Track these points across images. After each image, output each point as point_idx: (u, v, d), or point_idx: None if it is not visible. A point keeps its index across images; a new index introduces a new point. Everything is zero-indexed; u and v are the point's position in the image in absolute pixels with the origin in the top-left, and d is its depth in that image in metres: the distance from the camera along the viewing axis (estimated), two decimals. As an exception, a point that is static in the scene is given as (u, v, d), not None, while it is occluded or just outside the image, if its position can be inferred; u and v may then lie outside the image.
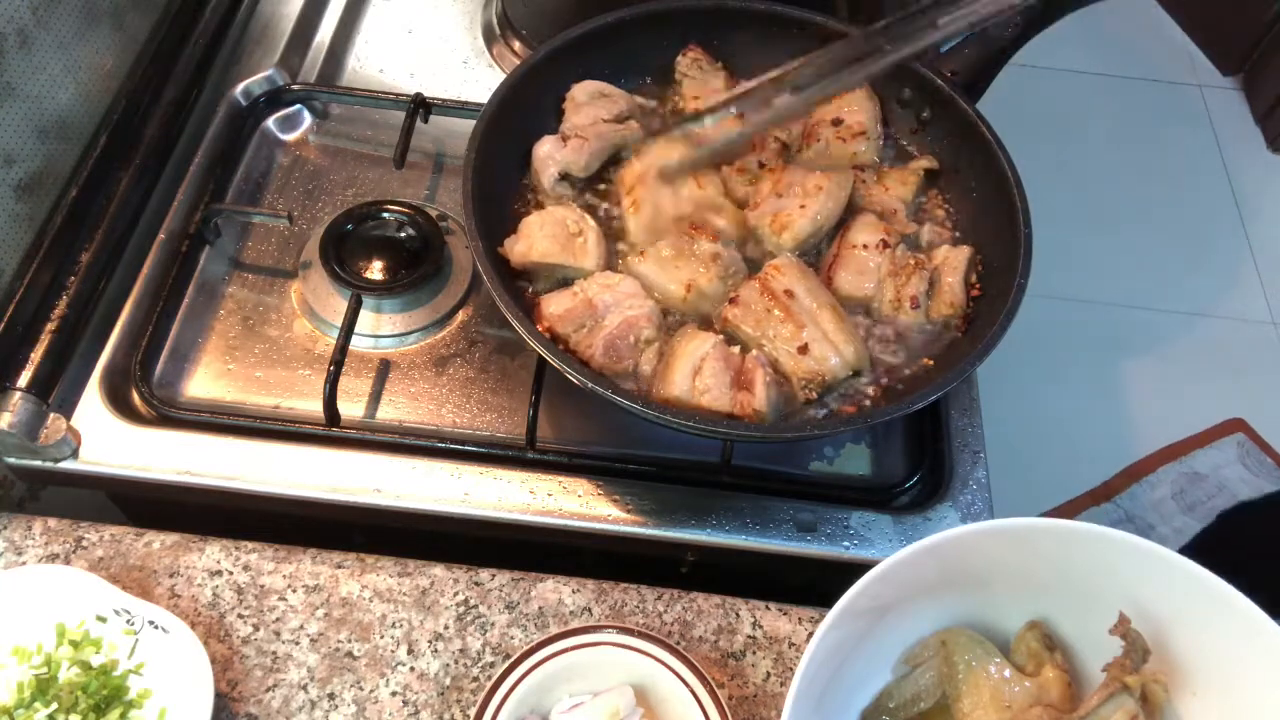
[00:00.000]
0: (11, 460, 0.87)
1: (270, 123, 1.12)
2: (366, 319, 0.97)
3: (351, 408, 0.93)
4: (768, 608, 0.85)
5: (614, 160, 0.97)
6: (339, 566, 0.84)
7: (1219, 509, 1.85)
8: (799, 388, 0.84)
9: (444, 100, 1.10)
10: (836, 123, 0.99)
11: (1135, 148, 2.77)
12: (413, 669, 0.80)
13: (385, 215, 1.02)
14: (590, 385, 0.79)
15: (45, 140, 0.94)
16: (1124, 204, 2.65)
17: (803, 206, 0.92)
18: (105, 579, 0.77)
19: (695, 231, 0.90)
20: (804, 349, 0.84)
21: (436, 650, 0.81)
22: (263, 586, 0.83)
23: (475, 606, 0.83)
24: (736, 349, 0.85)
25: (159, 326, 0.95)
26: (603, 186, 0.97)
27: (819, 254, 0.94)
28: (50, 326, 0.89)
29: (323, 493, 0.87)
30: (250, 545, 0.85)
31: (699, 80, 1.02)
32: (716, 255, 0.89)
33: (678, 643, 0.82)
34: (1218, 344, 2.44)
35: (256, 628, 0.81)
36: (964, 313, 0.91)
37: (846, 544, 0.87)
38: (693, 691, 0.74)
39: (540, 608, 0.83)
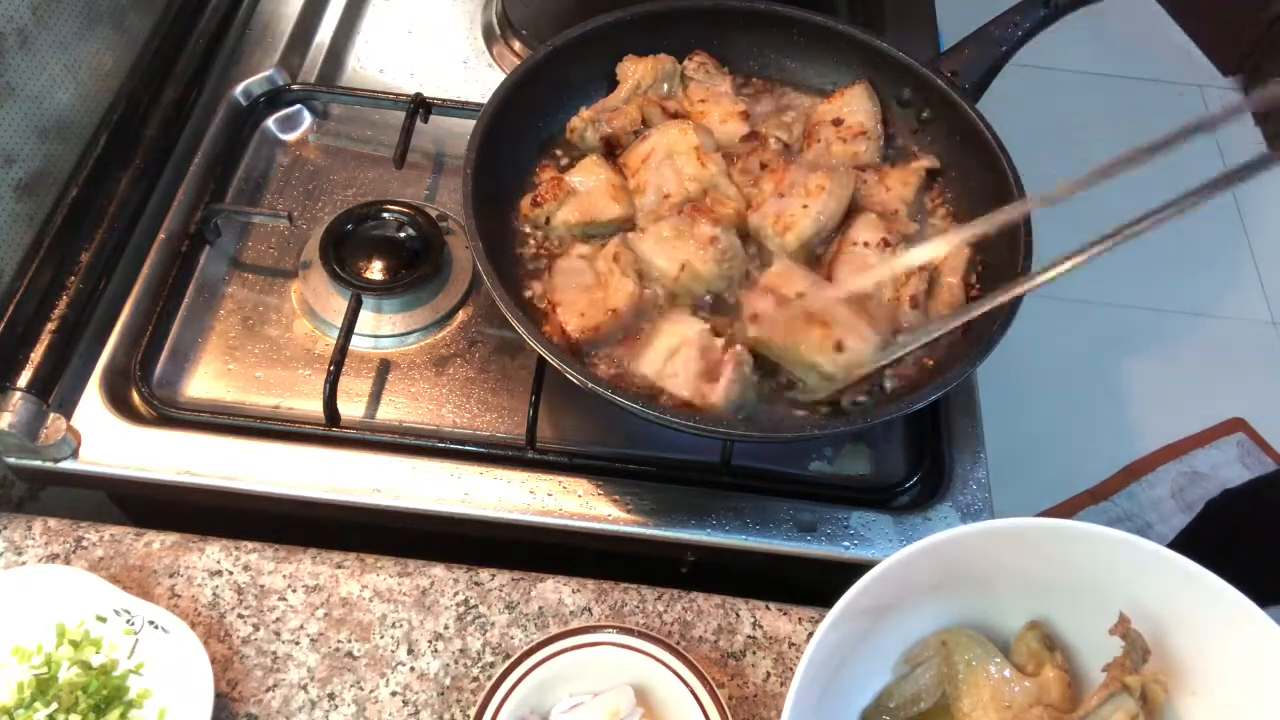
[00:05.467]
0: (11, 460, 0.87)
1: (270, 123, 1.12)
2: (366, 319, 0.97)
3: (351, 408, 0.93)
4: (768, 608, 0.85)
5: (620, 144, 0.98)
6: (339, 566, 0.85)
7: (1207, 497, 1.86)
8: (847, 388, 0.84)
9: (444, 100, 1.10)
10: (837, 123, 0.99)
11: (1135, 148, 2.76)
12: (413, 669, 0.80)
13: (385, 215, 1.02)
14: (590, 385, 0.79)
15: (45, 140, 0.94)
16: (1124, 204, 2.64)
17: (805, 206, 0.91)
18: (105, 579, 0.77)
19: (697, 214, 0.90)
20: (839, 346, 0.83)
21: (436, 650, 0.81)
22: (263, 586, 0.83)
23: (475, 606, 0.83)
24: (720, 341, 0.84)
25: (159, 326, 0.95)
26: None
27: (821, 255, 0.94)
28: (50, 326, 0.89)
29: (323, 493, 0.87)
30: (250, 545, 0.85)
31: (705, 84, 1.02)
32: (714, 239, 0.88)
33: (678, 643, 0.82)
34: (1218, 344, 2.44)
35: (256, 628, 0.81)
36: (964, 313, 0.91)
37: (846, 544, 0.87)
38: (693, 691, 0.74)
39: (540, 608, 0.83)
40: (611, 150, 0.98)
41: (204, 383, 0.94)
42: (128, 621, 0.76)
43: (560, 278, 0.89)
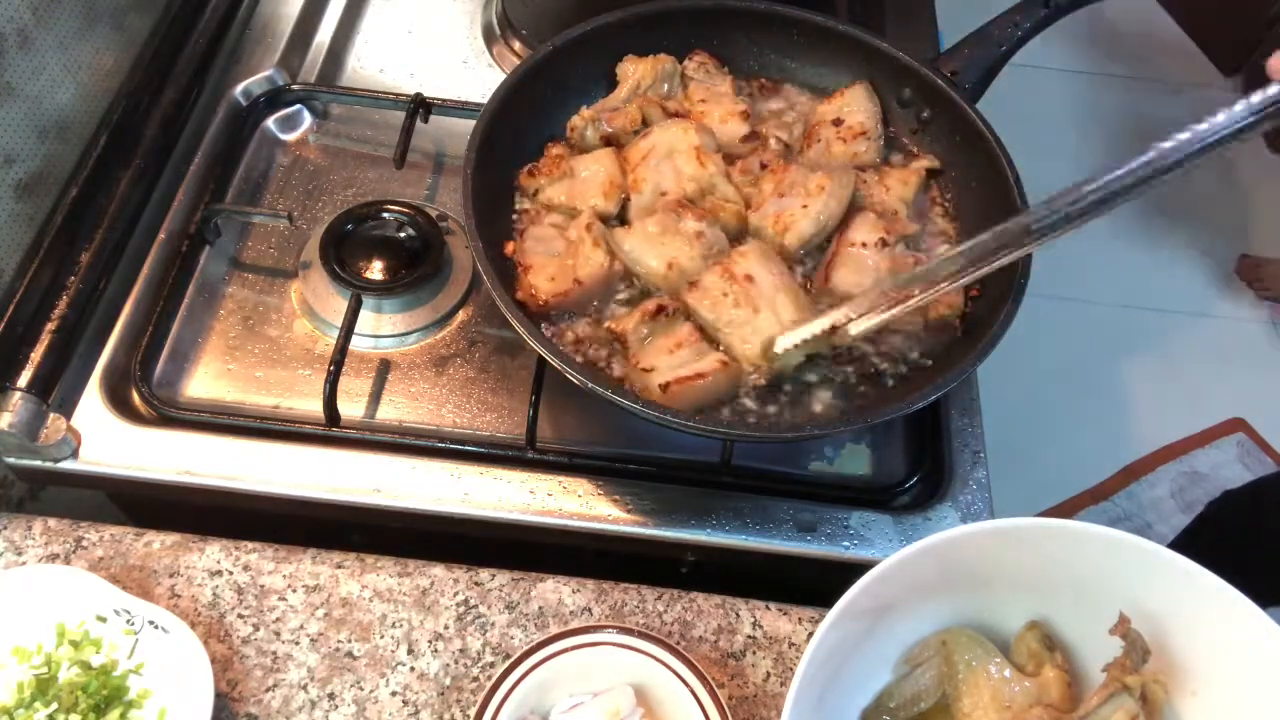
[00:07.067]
0: (11, 460, 0.87)
1: (270, 123, 1.12)
2: (366, 319, 0.97)
3: (351, 408, 0.93)
4: (768, 608, 0.85)
5: (620, 144, 0.98)
6: (339, 566, 0.85)
7: (1207, 498, 1.87)
8: (748, 373, 0.85)
9: (444, 100, 1.10)
10: (837, 123, 0.99)
11: (1135, 148, 2.76)
12: (413, 669, 0.80)
13: (385, 215, 1.02)
14: (590, 385, 0.79)
15: (45, 140, 0.94)
16: (1124, 204, 2.64)
17: (805, 206, 0.91)
18: (105, 579, 0.77)
19: (683, 209, 0.90)
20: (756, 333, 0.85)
21: (436, 650, 0.81)
22: (263, 586, 0.83)
23: (475, 606, 0.83)
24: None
25: (159, 326, 0.95)
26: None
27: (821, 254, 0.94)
28: (50, 326, 0.89)
29: (323, 493, 0.87)
30: (250, 545, 0.85)
31: (705, 84, 1.02)
32: (700, 234, 0.89)
33: (678, 643, 0.82)
34: (1218, 344, 2.44)
35: (256, 628, 0.81)
36: (963, 313, 0.91)
37: (846, 544, 0.87)
38: (693, 691, 0.74)
39: (540, 608, 0.83)
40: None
41: (204, 383, 0.94)
42: (128, 621, 0.76)
43: (531, 242, 0.90)
